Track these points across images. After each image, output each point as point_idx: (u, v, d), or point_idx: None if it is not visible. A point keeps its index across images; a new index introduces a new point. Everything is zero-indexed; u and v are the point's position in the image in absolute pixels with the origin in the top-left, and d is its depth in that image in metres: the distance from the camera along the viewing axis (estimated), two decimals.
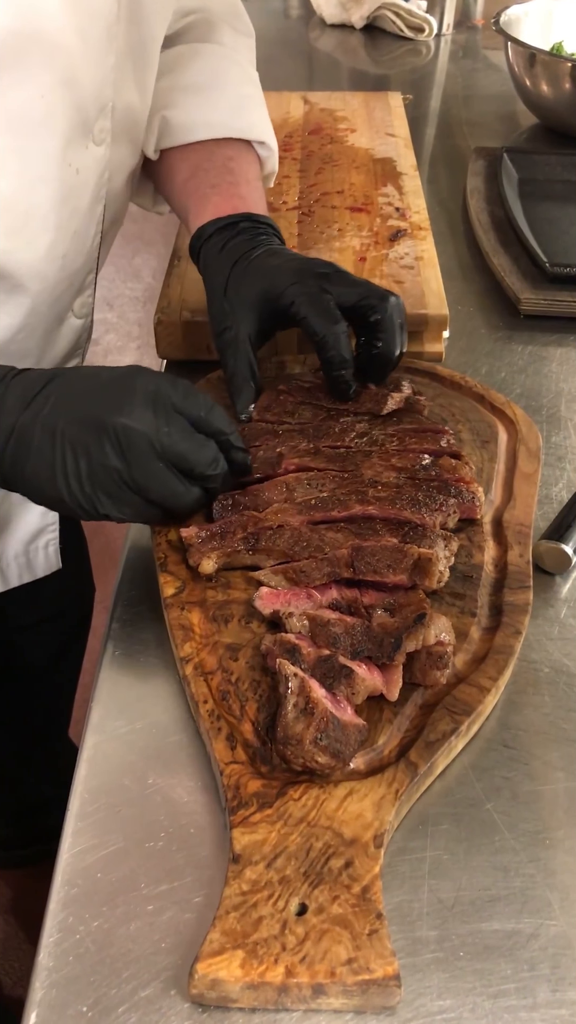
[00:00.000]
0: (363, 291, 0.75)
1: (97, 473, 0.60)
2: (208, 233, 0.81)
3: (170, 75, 0.87)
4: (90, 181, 0.75)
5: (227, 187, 0.84)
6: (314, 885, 0.50)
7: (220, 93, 0.88)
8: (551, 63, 1.33)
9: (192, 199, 0.85)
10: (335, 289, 0.75)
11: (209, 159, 0.86)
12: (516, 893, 0.53)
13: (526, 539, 0.71)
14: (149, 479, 0.61)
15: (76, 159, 0.72)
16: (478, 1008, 0.48)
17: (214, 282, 0.79)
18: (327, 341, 0.74)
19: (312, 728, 0.54)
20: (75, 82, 0.68)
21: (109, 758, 0.59)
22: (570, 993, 0.49)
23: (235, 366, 0.77)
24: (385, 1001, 0.47)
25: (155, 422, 0.61)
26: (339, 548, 0.65)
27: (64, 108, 0.68)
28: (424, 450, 0.73)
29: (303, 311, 0.74)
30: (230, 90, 0.89)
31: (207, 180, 0.85)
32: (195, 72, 0.88)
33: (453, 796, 0.58)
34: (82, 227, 0.77)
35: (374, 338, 0.76)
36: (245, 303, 0.76)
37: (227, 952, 0.47)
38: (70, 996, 0.48)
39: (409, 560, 0.64)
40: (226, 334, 0.77)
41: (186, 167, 0.86)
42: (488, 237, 1.11)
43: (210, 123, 0.87)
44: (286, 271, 0.76)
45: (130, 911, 0.52)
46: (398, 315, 0.76)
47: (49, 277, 0.75)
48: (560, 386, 0.92)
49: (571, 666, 0.66)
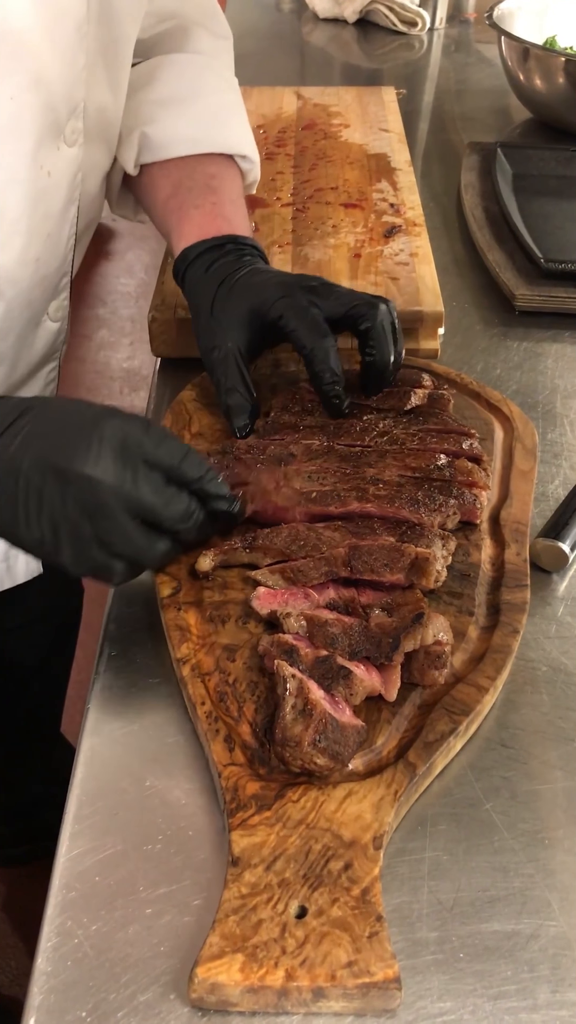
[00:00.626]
0: (350, 301, 0.75)
1: (59, 524, 0.58)
2: (193, 255, 0.80)
3: (148, 88, 0.87)
4: (63, 183, 0.75)
5: (211, 207, 0.83)
6: (313, 887, 0.50)
7: (199, 106, 0.87)
8: (545, 57, 1.32)
9: (175, 219, 0.84)
10: (322, 302, 0.74)
11: (191, 176, 0.85)
12: (515, 894, 0.53)
13: (523, 537, 0.70)
14: (112, 534, 0.59)
15: (48, 161, 0.71)
16: (478, 1010, 0.48)
17: (200, 303, 0.78)
18: (315, 355, 0.73)
19: (311, 730, 0.53)
20: (45, 83, 0.67)
21: (106, 760, 0.59)
22: (570, 994, 0.49)
23: (228, 383, 0.76)
24: (386, 1004, 0.47)
25: (121, 474, 0.58)
26: (336, 547, 0.65)
27: (34, 109, 0.67)
28: (443, 451, 0.73)
29: (291, 324, 0.73)
30: (209, 102, 0.88)
31: (190, 200, 0.84)
32: (173, 84, 0.87)
33: (452, 796, 0.58)
34: (55, 230, 0.76)
35: (366, 347, 0.75)
36: (233, 320, 0.76)
37: (227, 956, 0.47)
38: (68, 1001, 0.48)
39: (406, 559, 0.63)
40: (215, 352, 0.76)
41: (168, 184, 0.85)
42: (483, 233, 1.10)
43: (190, 138, 0.86)
44: (273, 286, 0.75)
45: (128, 915, 0.52)
46: (388, 322, 0.75)
47: (22, 281, 0.74)
48: (556, 382, 0.91)
49: (569, 664, 0.66)
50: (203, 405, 0.83)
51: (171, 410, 0.81)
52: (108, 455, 0.58)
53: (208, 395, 0.84)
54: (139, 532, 0.60)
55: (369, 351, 0.75)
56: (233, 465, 0.72)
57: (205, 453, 0.77)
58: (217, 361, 0.76)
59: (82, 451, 0.58)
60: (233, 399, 0.76)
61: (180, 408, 0.82)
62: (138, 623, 0.67)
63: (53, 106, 0.69)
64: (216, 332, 0.76)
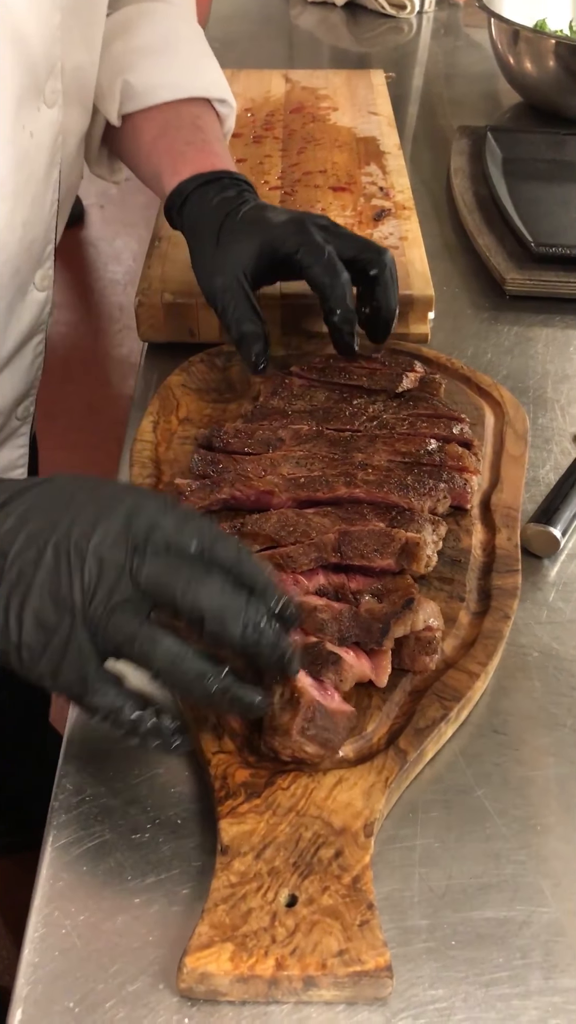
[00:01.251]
0: (361, 244, 0.76)
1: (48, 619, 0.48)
2: (190, 188, 0.80)
3: (123, 38, 0.86)
4: (45, 144, 0.74)
5: (202, 144, 0.83)
6: (304, 876, 0.49)
7: (177, 53, 0.88)
8: (534, 40, 1.31)
9: (166, 157, 0.83)
10: (335, 241, 0.74)
11: (177, 118, 0.85)
12: (507, 880, 0.53)
13: (514, 522, 0.70)
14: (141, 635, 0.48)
15: (30, 121, 0.70)
16: (470, 997, 0.48)
17: (203, 234, 0.77)
18: (334, 292, 0.73)
19: (299, 718, 0.53)
20: (23, 41, 0.67)
21: (93, 750, 0.58)
22: (563, 980, 0.49)
23: (237, 311, 0.74)
24: (377, 992, 0.46)
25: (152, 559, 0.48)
26: (326, 533, 0.64)
27: (14, 68, 0.67)
28: (434, 435, 0.72)
29: (307, 260, 0.73)
30: (186, 50, 0.89)
31: (180, 138, 0.83)
32: (149, 33, 0.87)
33: (443, 783, 0.57)
34: (40, 193, 0.75)
35: (373, 292, 0.76)
36: (243, 249, 0.74)
37: (216, 945, 0.46)
38: (56, 992, 0.48)
39: (396, 545, 0.63)
40: (218, 279, 0.74)
41: (154, 127, 0.85)
42: (473, 217, 1.10)
43: (173, 84, 0.86)
44: (285, 220, 0.75)
45: (117, 904, 0.51)
46: (392, 269, 0.76)
47: (10, 246, 0.73)
48: (546, 367, 0.91)
49: (560, 650, 0.65)
50: (191, 390, 0.82)
51: (158, 395, 0.81)
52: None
53: (196, 380, 0.83)
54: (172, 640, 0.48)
55: (376, 297, 0.76)
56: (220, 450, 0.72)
57: (193, 438, 0.76)
58: (221, 288, 0.74)
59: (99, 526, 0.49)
60: (245, 327, 0.74)
61: (167, 393, 0.81)
62: None
63: (32, 65, 0.68)
64: (220, 261, 0.75)
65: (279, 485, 0.68)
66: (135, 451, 0.75)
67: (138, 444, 0.75)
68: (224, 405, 0.81)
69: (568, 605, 0.68)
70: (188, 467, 0.72)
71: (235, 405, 0.81)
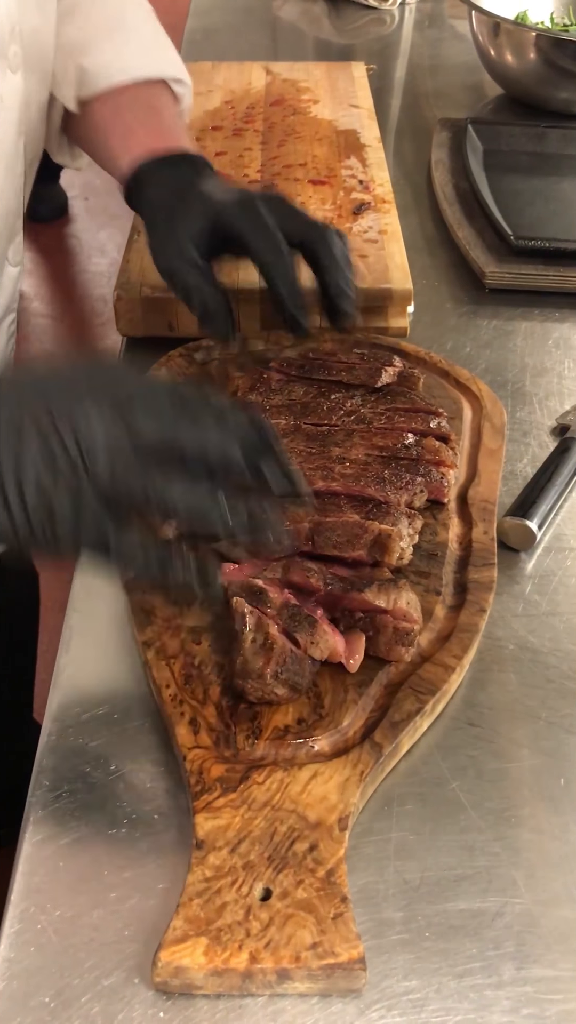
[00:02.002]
0: (307, 224, 0.74)
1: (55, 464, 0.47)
2: (146, 170, 0.78)
3: (74, 19, 0.85)
4: (13, 110, 0.73)
5: (157, 125, 0.82)
6: (278, 870, 0.49)
7: (130, 35, 0.87)
8: (515, 32, 1.31)
9: (121, 140, 0.82)
10: (283, 221, 0.72)
11: (133, 100, 0.84)
12: (481, 872, 0.53)
13: (491, 516, 0.70)
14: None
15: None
16: (443, 988, 0.48)
17: (157, 214, 0.76)
18: (276, 270, 0.71)
19: (272, 662, 0.55)
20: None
21: (70, 745, 0.58)
22: (535, 970, 0.49)
23: (192, 280, 0.72)
24: (350, 984, 0.47)
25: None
26: (300, 522, 0.65)
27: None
28: (411, 430, 0.73)
29: (250, 238, 0.71)
30: (139, 31, 0.88)
31: (135, 119, 0.83)
32: (100, 15, 0.87)
33: (418, 776, 0.57)
34: (11, 161, 0.74)
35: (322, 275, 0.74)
36: (192, 228, 0.73)
37: (191, 939, 0.47)
38: (32, 987, 0.48)
39: (369, 536, 0.63)
40: (172, 259, 0.73)
41: (108, 110, 0.84)
42: (453, 210, 1.10)
43: (127, 66, 0.85)
44: (234, 200, 0.73)
45: (93, 899, 0.51)
46: (343, 249, 0.74)
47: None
48: (525, 360, 0.91)
49: (535, 643, 0.65)
50: None
51: None
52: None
53: (175, 374, 0.83)
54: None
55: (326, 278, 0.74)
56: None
57: None
58: (177, 265, 0.73)
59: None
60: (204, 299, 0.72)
61: None
62: (102, 606, 0.66)
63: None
64: (172, 240, 0.74)
65: None
66: None
67: None
68: None
69: (544, 598, 0.68)
70: None
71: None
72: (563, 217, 1.10)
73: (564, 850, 0.54)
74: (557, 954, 0.50)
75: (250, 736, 0.55)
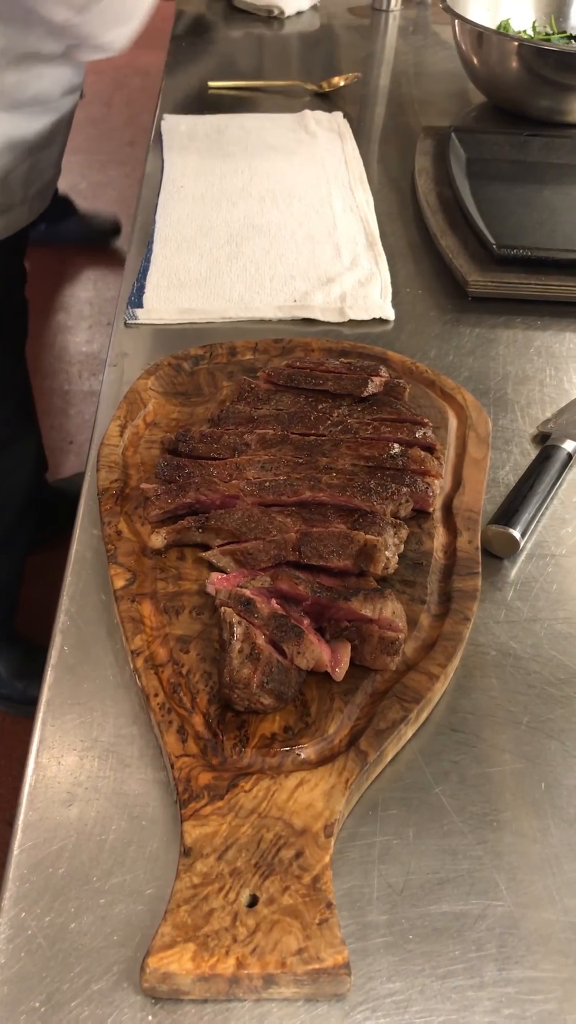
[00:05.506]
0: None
1: None
2: None
3: None
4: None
5: None
6: (265, 876, 0.50)
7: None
8: (498, 42, 1.32)
9: None
10: None
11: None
12: (464, 875, 0.54)
13: (475, 525, 0.71)
14: None
15: None
16: (427, 989, 0.49)
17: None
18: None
19: (258, 672, 0.56)
20: None
21: (61, 752, 0.59)
22: (516, 971, 0.50)
23: None
24: (336, 989, 0.48)
25: None
26: (287, 532, 0.66)
27: None
28: (397, 439, 0.74)
29: None
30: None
31: None
32: None
33: (402, 781, 0.58)
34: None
35: None
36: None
37: (178, 945, 0.48)
38: (22, 992, 0.49)
39: (355, 546, 0.64)
40: None
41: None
42: (436, 218, 1.11)
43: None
44: None
45: (82, 905, 0.52)
46: None
47: None
48: (507, 368, 0.92)
49: (518, 648, 0.67)
50: (158, 393, 0.82)
51: (126, 399, 0.81)
52: None
53: (163, 383, 0.83)
54: None
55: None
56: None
57: (159, 442, 0.77)
58: None
59: None
60: None
61: (134, 397, 0.81)
62: (92, 615, 0.67)
63: None
64: None
65: (244, 489, 0.70)
66: (102, 455, 0.76)
67: (105, 448, 0.76)
68: (191, 408, 0.82)
69: (526, 604, 0.70)
70: (154, 471, 0.72)
71: (202, 408, 0.82)
72: (545, 226, 1.11)
73: (545, 853, 0.56)
74: (538, 955, 0.51)
75: (237, 744, 0.56)
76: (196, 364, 0.86)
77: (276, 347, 0.88)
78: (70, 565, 0.70)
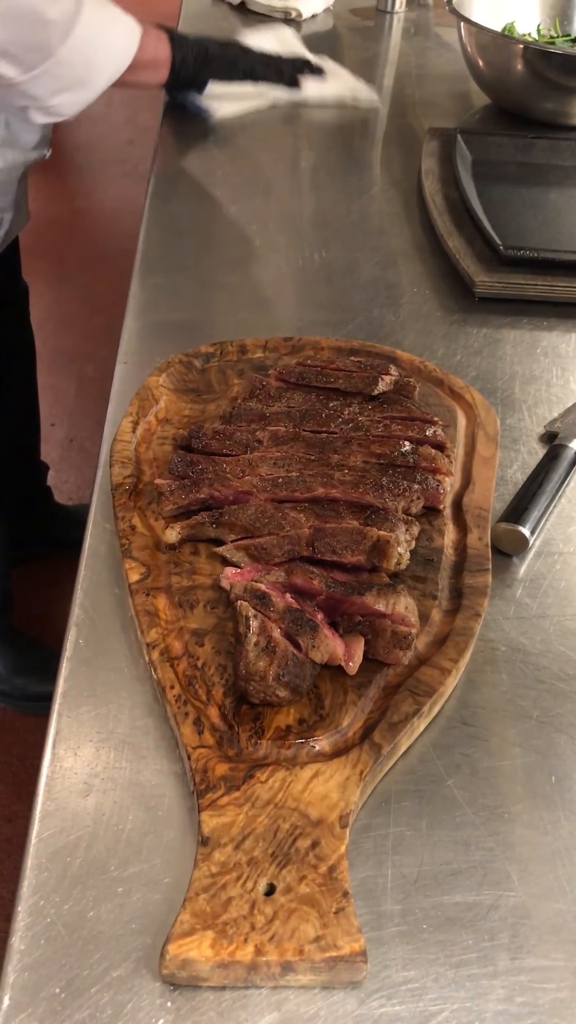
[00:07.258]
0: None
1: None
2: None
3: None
4: None
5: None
6: (282, 866, 0.51)
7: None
8: (503, 44, 1.33)
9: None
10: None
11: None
12: (476, 866, 0.55)
13: (485, 522, 0.72)
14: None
15: None
16: (441, 978, 0.50)
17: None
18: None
19: (274, 665, 0.57)
20: None
21: (77, 743, 0.59)
22: (528, 960, 0.51)
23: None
24: (352, 976, 0.48)
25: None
26: (300, 528, 0.66)
27: None
28: (407, 437, 0.74)
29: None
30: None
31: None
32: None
33: (415, 774, 0.59)
34: None
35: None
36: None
37: (197, 933, 0.48)
38: (42, 979, 0.49)
39: (368, 542, 0.65)
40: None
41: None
42: (443, 219, 1.12)
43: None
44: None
45: (100, 893, 0.53)
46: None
47: None
48: (514, 368, 0.93)
49: (527, 644, 0.67)
50: (170, 390, 0.83)
51: (137, 395, 0.82)
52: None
53: (174, 380, 0.84)
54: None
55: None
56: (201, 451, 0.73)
57: (172, 439, 0.78)
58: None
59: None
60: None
61: (146, 393, 0.82)
62: (106, 609, 0.67)
63: None
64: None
65: (257, 485, 0.70)
66: (115, 450, 0.76)
67: (118, 444, 0.77)
68: (203, 405, 0.82)
69: (535, 601, 0.70)
70: (168, 467, 0.73)
71: (213, 405, 0.82)
72: (551, 227, 1.12)
73: (556, 845, 0.56)
74: (550, 945, 0.52)
75: (253, 736, 0.57)
76: (207, 361, 0.86)
77: (286, 345, 0.89)
78: (84, 560, 0.71)
